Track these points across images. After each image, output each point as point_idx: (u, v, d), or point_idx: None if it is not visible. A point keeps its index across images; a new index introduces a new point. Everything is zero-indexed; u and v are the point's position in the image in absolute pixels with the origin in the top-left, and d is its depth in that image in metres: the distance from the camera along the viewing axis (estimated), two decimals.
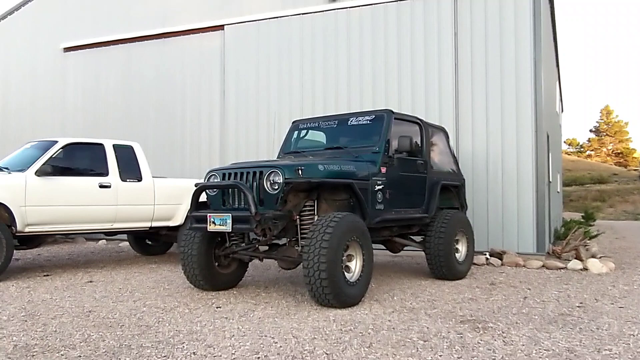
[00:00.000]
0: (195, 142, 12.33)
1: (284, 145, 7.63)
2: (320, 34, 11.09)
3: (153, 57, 12.93)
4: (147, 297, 5.94)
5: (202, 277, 6.18)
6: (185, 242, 6.22)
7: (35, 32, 14.57)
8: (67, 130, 13.45)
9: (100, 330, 4.51)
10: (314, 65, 11.11)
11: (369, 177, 6.23)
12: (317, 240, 5.15)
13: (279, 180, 5.51)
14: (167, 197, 8.64)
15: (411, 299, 5.88)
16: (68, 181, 7.61)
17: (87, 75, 13.78)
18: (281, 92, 11.40)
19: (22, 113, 14.61)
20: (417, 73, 10.18)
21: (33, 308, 5.37)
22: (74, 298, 5.90)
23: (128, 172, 8.28)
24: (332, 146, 7.02)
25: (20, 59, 14.80)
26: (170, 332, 4.45)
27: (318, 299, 5.28)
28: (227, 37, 12.02)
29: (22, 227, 7.14)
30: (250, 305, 5.54)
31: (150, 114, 12.86)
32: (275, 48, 11.53)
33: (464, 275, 7.41)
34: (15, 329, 4.55)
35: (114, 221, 8.10)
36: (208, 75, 12.26)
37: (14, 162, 7.79)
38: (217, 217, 5.65)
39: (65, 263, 8.89)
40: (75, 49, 13.86)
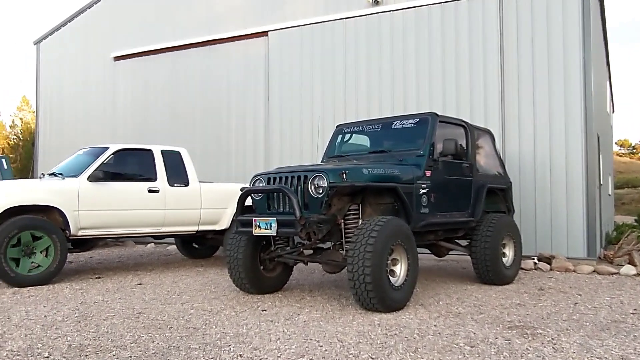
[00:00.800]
0: (240, 147, 12.49)
1: (327, 150, 7.66)
2: (363, 38, 11.09)
3: (199, 64, 13.18)
4: (194, 300, 6.05)
5: (248, 281, 6.26)
6: (231, 246, 6.30)
7: (87, 43, 15.06)
8: (117, 136, 13.85)
9: (150, 331, 4.62)
10: (358, 69, 11.11)
11: (413, 180, 6.18)
12: (361, 244, 5.15)
13: (324, 184, 5.53)
14: (214, 202, 8.78)
15: (457, 304, 5.80)
16: (118, 186, 7.83)
17: (136, 83, 14.16)
18: (325, 96, 11.44)
19: (75, 120, 15.12)
20: (461, 75, 10.07)
21: (86, 309, 5.54)
22: (125, 300, 6.06)
23: (175, 177, 8.46)
24: (376, 150, 7.00)
25: (74, 69, 15.32)
26: (217, 334, 4.52)
27: (363, 303, 5.27)
28: (271, 42, 12.15)
29: (75, 230, 7.38)
30: (295, 308, 5.58)
31: (197, 120, 13.10)
32: (318, 53, 11.59)
33: (512, 280, 7.27)
34: (69, 329, 4.70)
35: (162, 225, 8.28)
36: (253, 81, 12.41)
37: (67, 168, 8.06)
38: (263, 221, 5.72)
39: (115, 266, 9.14)
40: (125, 57, 14.27)
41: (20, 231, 6.81)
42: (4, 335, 4.48)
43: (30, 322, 4.96)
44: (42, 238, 7.00)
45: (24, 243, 6.88)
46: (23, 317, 5.16)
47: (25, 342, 4.25)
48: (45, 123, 15.91)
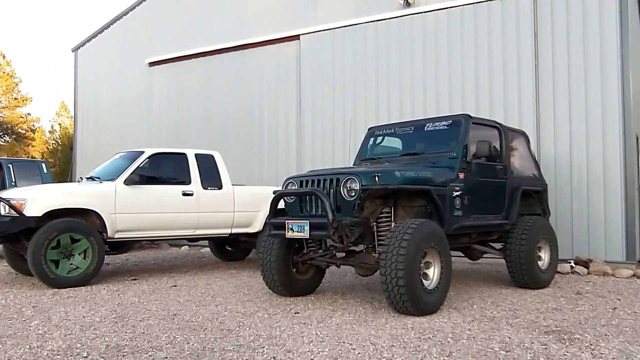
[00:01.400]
0: (272, 150, 12.58)
1: (360, 152, 7.65)
2: (395, 40, 11.06)
3: (232, 68, 13.32)
4: (228, 302, 6.11)
5: (281, 283, 6.29)
6: (264, 249, 6.35)
7: (123, 49, 15.38)
8: (152, 140, 14.09)
9: (185, 333, 4.68)
10: (389, 72, 11.08)
11: (446, 183, 6.13)
12: (394, 247, 5.13)
13: (356, 187, 5.53)
14: (247, 205, 8.86)
15: (491, 308, 5.73)
16: (154, 189, 7.97)
17: (171, 88, 14.39)
18: (356, 99, 11.44)
19: (111, 125, 15.45)
20: (495, 76, 9.95)
21: (123, 310, 5.65)
22: (160, 301, 6.15)
23: (209, 181, 8.56)
24: (408, 152, 6.97)
25: (110, 75, 15.66)
26: (250, 336, 4.56)
27: (396, 306, 5.25)
28: (302, 46, 12.21)
29: (112, 233, 7.54)
30: (328, 311, 5.59)
31: (230, 123, 13.24)
32: (350, 55, 11.60)
33: (547, 284, 7.15)
34: (107, 329, 4.80)
35: (196, 228, 8.39)
36: (285, 84, 12.49)
37: (104, 172, 8.24)
38: (295, 223, 5.74)
39: (151, 268, 9.29)
40: (160, 63, 14.52)
41: (60, 234, 6.98)
42: (45, 335, 4.60)
43: (69, 322, 5.08)
44: (81, 240, 7.17)
45: (63, 245, 7.06)
46: (62, 317, 5.29)
47: (65, 342, 4.36)
48: (83, 128, 16.30)
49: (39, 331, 4.73)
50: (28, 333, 4.66)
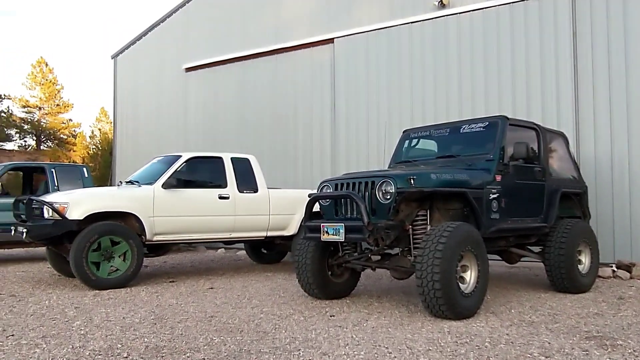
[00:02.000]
0: (307, 154, 12.63)
1: (394, 155, 7.63)
2: (429, 42, 10.98)
3: (266, 72, 13.43)
4: (263, 304, 6.15)
5: (316, 286, 6.31)
6: (300, 252, 6.38)
7: (160, 55, 15.66)
8: (189, 144, 14.30)
9: (222, 334, 4.74)
10: (424, 74, 11.01)
11: (483, 185, 6.07)
12: (430, 250, 5.10)
13: (391, 190, 5.52)
14: (282, 208, 8.91)
15: (530, 312, 5.64)
16: (191, 193, 8.09)
17: (206, 92, 14.59)
18: (391, 102, 11.40)
19: (149, 130, 15.75)
20: (532, 76, 9.79)
21: (161, 312, 5.75)
22: (197, 303, 6.24)
23: (245, 184, 8.65)
24: (444, 155, 6.92)
25: (148, 81, 15.97)
26: (286, 338, 4.58)
27: (432, 309, 5.21)
28: (336, 49, 12.23)
29: (150, 236, 7.68)
30: (363, 314, 5.58)
31: (265, 127, 13.34)
32: (384, 58, 11.57)
33: (588, 288, 6.98)
34: (146, 331, 4.90)
35: (232, 231, 8.48)
36: (319, 88, 12.53)
37: (142, 176, 8.41)
38: (330, 226, 5.76)
39: (188, 270, 9.43)
40: (196, 68, 14.73)
41: (101, 236, 7.15)
42: (87, 335, 4.72)
43: (110, 323, 5.19)
44: (120, 243, 7.33)
45: (104, 248, 7.22)
46: (103, 318, 5.42)
47: (106, 342, 4.46)
48: (122, 133, 16.66)
49: (81, 331, 4.85)
50: (71, 333, 4.79)
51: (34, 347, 4.35)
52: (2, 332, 4.86)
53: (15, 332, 4.85)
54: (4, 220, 9.21)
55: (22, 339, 4.61)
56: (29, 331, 4.88)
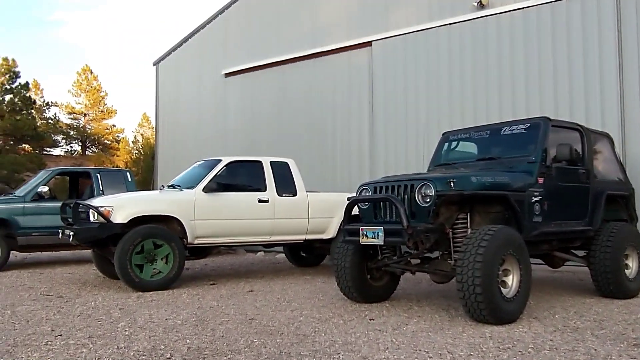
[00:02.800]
0: (345, 157, 12.63)
1: (434, 158, 7.57)
2: (468, 43, 10.86)
3: (304, 76, 13.51)
4: (303, 307, 6.18)
5: (355, 289, 6.30)
6: (339, 255, 6.39)
7: (200, 62, 15.93)
8: (228, 148, 14.46)
9: (262, 337, 4.78)
10: (463, 75, 10.89)
11: (525, 188, 5.96)
12: (471, 253, 5.04)
13: (431, 193, 5.48)
14: (321, 211, 8.93)
15: (575, 318, 5.50)
16: (231, 197, 8.19)
17: (245, 97, 14.75)
18: (429, 104, 11.31)
19: (190, 135, 16.01)
20: (575, 76, 9.57)
21: (202, 314, 5.83)
22: (238, 306, 6.31)
23: (284, 187, 8.71)
24: (484, 157, 6.83)
25: (188, 87, 16.26)
26: (326, 342, 4.59)
27: (473, 314, 5.15)
28: (374, 52, 12.21)
29: (192, 239, 7.81)
30: (403, 318, 5.55)
31: (303, 131, 13.41)
32: (422, 60, 11.49)
33: (636, 293, 6.77)
34: (188, 332, 4.98)
35: (272, 234, 8.54)
36: (357, 91, 12.52)
37: (184, 180, 8.56)
38: (370, 230, 5.75)
39: (228, 273, 9.54)
40: (235, 74, 14.92)
41: (144, 239, 7.31)
42: (131, 336, 4.83)
43: (153, 324, 5.30)
44: (163, 246, 7.47)
45: (147, 250, 7.38)
46: (147, 319, 5.53)
47: (150, 343, 4.55)
48: (163, 138, 16.99)
49: (125, 332, 4.97)
50: (115, 334, 4.91)
51: (81, 347, 4.47)
52: (51, 331, 5.02)
53: (63, 332, 5.00)
54: (52, 224, 9.49)
55: (69, 338, 4.75)
56: (76, 331, 5.02)
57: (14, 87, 34.30)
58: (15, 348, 4.44)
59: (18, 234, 9.92)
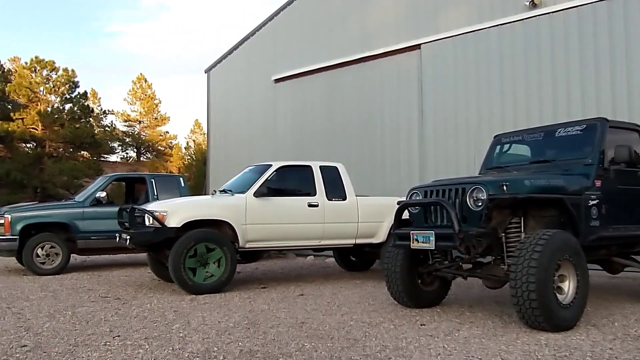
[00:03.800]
0: (394, 161, 12.56)
1: (485, 161, 7.44)
2: (520, 43, 10.63)
3: (353, 80, 13.51)
4: (353, 312, 6.18)
5: (406, 294, 6.26)
6: (389, 259, 6.35)
7: (250, 68, 16.17)
8: (278, 153, 14.60)
9: (313, 341, 4.81)
10: (515, 76, 10.67)
11: (581, 191, 5.80)
12: (525, 258, 4.93)
13: (483, 197, 5.39)
14: (370, 215, 8.91)
15: (636, 326, 5.30)
16: (281, 201, 8.27)
17: (295, 102, 14.88)
18: (480, 107, 11.13)
19: (240, 140, 16.26)
20: (634, 75, 9.23)
21: (254, 317, 5.91)
22: (288, 309, 6.36)
23: (333, 192, 8.73)
24: (538, 160, 6.67)
25: (239, 93, 16.53)
26: (377, 346, 4.58)
27: (527, 321, 5.03)
28: (423, 55, 12.11)
29: (243, 243, 7.92)
30: (454, 324, 5.47)
31: (352, 135, 13.42)
32: (472, 62, 11.32)
33: None
34: (240, 335, 5.06)
35: (322, 238, 8.57)
36: (406, 94, 12.44)
37: (235, 184, 8.70)
38: (420, 234, 5.70)
39: (279, 277, 9.63)
40: (284, 79, 15.08)
41: (197, 243, 7.46)
42: (185, 338, 4.94)
43: (206, 327, 5.41)
44: (215, 250, 7.59)
45: (200, 254, 7.52)
46: (200, 322, 5.64)
47: (203, 345, 4.65)
48: (215, 143, 17.31)
49: (179, 334, 5.08)
50: (170, 335, 5.03)
51: (137, 347, 4.61)
52: (110, 332, 5.19)
53: (121, 333, 5.17)
54: (109, 228, 9.79)
55: (127, 339, 4.90)
56: (133, 332, 5.18)
57: (74, 97, 35.77)
58: (76, 348, 4.61)
59: (78, 238, 10.29)
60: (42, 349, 4.59)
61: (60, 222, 10.26)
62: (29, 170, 32.23)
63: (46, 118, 33.17)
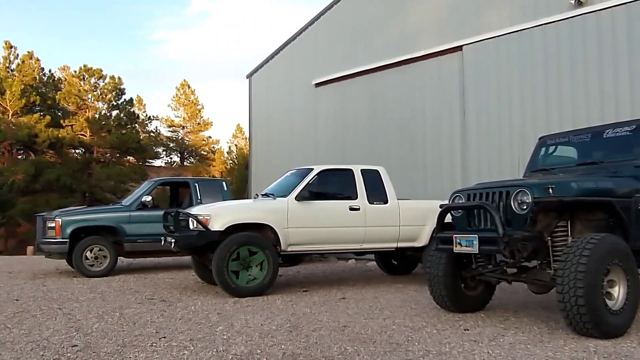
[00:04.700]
0: (436, 164, 12.44)
1: (530, 163, 7.29)
2: (565, 42, 10.40)
3: (394, 83, 13.45)
4: (395, 316, 6.14)
5: (449, 298, 6.19)
6: (432, 263, 6.30)
7: (291, 73, 16.29)
8: (319, 157, 14.66)
9: (355, 344, 4.80)
10: (560, 76, 10.43)
11: (631, 194, 5.62)
12: (572, 263, 4.81)
13: (528, 200, 5.29)
14: (412, 219, 8.84)
15: None
16: (323, 205, 8.29)
17: (335, 106, 14.91)
18: (524, 108, 10.92)
19: (282, 144, 16.40)
20: None
21: (296, 320, 5.94)
22: (330, 313, 6.37)
23: (375, 195, 8.69)
24: (585, 161, 6.49)
25: (280, 97, 16.68)
26: (419, 351, 4.54)
27: (575, 327, 4.91)
28: (465, 57, 11.97)
29: (285, 246, 7.98)
30: (499, 329, 5.38)
31: (393, 138, 13.36)
32: (516, 62, 11.13)
33: None
34: (282, 338, 5.09)
35: (363, 242, 8.55)
36: (447, 96, 12.32)
37: (277, 188, 8.77)
38: (463, 238, 5.63)
39: (320, 280, 9.65)
40: (325, 83, 15.13)
41: (239, 246, 7.55)
42: (229, 340, 5.01)
43: (249, 329, 5.46)
44: (257, 253, 7.67)
45: (242, 257, 7.60)
46: (243, 324, 5.71)
47: (247, 348, 4.70)
48: (257, 148, 17.49)
49: (223, 336, 5.15)
50: (214, 337, 5.10)
51: (182, 349, 4.69)
52: (156, 333, 5.30)
53: (167, 334, 5.27)
54: (155, 231, 10.00)
55: (172, 340, 5.00)
56: (178, 334, 5.27)
57: (120, 104, 36.75)
58: (124, 348, 4.73)
59: (125, 241, 10.55)
60: (91, 348, 4.73)
61: (108, 225, 10.55)
62: (77, 175, 33.30)
63: (94, 124, 34.20)
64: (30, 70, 35.01)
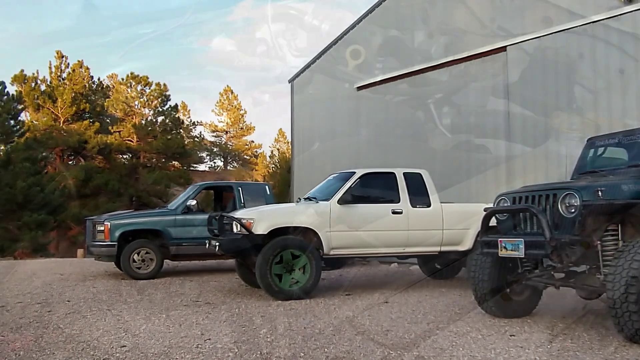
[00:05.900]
0: (480, 166, 12.26)
1: (578, 166, 7.10)
2: (614, 41, 10.09)
3: (436, 85, 13.33)
4: (439, 320, 6.08)
5: (494, 303, 6.09)
6: (476, 267, 6.21)
7: (333, 77, 16.32)
8: (361, 160, 14.61)
9: (398, 349, 4.78)
10: (609, 77, 10.13)
11: None
12: (623, 268, 4.67)
13: (576, 203, 5.16)
14: (456, 222, 8.73)
15: None
16: (365, 208, 8.28)
17: (378, 109, 14.87)
18: (570, 108, 10.66)
19: (323, 148, 16.45)
20: None
21: (339, 324, 5.95)
22: (373, 317, 6.34)
23: (417, 199, 8.63)
24: (636, 163, 6.28)
25: (321, 101, 16.73)
26: (464, 356, 4.49)
27: (627, 334, 4.76)
28: (509, 57, 11.77)
29: (327, 250, 7.99)
30: (546, 335, 5.27)
31: (435, 141, 13.23)
32: (562, 62, 10.87)
33: None
34: (325, 341, 5.10)
35: (406, 245, 8.50)
36: (491, 97, 12.13)
37: (319, 192, 8.80)
38: (509, 242, 5.54)
39: (363, 284, 9.62)
40: (367, 86, 15.11)
41: (283, 250, 7.61)
42: (272, 342, 5.05)
43: (292, 332, 5.50)
44: (300, 256, 7.71)
45: (285, 260, 7.66)
46: (287, 327, 5.75)
47: (290, 351, 4.74)
48: (299, 151, 17.60)
49: (267, 339, 5.21)
50: (258, 340, 5.16)
51: (227, 350, 4.76)
52: (201, 335, 5.39)
53: (212, 336, 5.36)
54: (199, 235, 10.18)
55: (217, 342, 5.07)
56: (222, 336, 5.35)
57: (165, 109, 37.52)
58: (170, 349, 4.83)
59: (170, 244, 10.75)
60: (139, 349, 4.84)
61: (154, 229, 10.78)
62: (125, 179, 34.15)
63: (141, 130, 35.04)
64: (80, 78, 36.10)
